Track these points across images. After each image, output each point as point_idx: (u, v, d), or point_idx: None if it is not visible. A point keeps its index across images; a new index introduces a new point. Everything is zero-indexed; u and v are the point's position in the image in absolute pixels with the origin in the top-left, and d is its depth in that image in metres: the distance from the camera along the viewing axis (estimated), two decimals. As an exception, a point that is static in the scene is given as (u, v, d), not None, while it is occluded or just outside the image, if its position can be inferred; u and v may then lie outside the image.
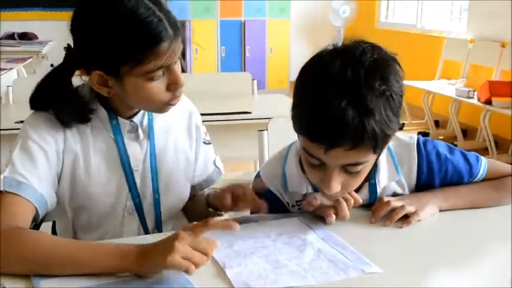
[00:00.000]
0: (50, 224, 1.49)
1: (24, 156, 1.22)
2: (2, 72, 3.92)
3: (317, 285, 1.00)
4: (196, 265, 0.98)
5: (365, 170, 1.18)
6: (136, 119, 1.34)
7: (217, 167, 1.55)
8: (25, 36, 6.07)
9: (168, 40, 1.17)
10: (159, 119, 1.38)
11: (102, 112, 1.31)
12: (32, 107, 1.30)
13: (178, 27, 1.21)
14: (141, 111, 1.34)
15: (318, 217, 1.26)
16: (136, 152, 1.35)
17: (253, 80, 3.16)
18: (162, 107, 1.28)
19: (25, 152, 1.22)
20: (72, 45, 1.25)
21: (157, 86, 1.22)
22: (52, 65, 5.09)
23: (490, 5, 5.16)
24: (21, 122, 2.42)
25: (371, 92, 1.06)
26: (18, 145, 1.24)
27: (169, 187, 1.41)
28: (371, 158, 1.15)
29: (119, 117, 1.32)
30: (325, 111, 1.06)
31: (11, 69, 4.19)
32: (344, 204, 1.21)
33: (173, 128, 1.42)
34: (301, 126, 1.14)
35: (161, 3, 1.20)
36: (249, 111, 2.74)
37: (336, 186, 1.15)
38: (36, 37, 6.17)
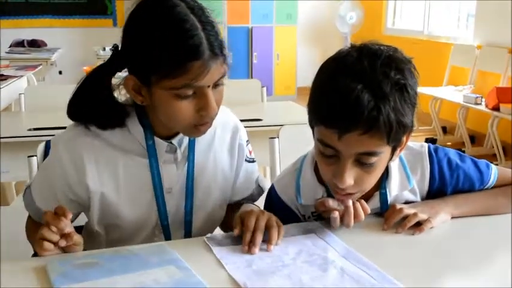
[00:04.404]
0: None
1: (42, 176, 1.35)
2: (13, 80, 3.95)
3: None
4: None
5: (379, 166, 1.18)
6: (175, 141, 1.31)
7: (260, 186, 1.50)
8: (34, 44, 6.09)
9: (200, 60, 1.14)
10: (200, 137, 1.33)
11: (139, 131, 1.29)
12: (69, 111, 1.29)
13: (222, 52, 1.17)
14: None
15: (334, 233, 1.25)
16: (171, 173, 1.32)
17: (262, 87, 3.18)
18: (189, 129, 1.24)
19: (44, 171, 1.35)
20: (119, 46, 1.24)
21: (185, 106, 1.18)
22: (60, 72, 5.17)
23: (497, 11, 5.17)
24: (35, 129, 2.51)
25: (386, 79, 1.10)
26: (45, 162, 1.36)
27: (203, 209, 1.38)
28: (385, 151, 1.16)
29: (156, 138, 1.29)
30: (341, 95, 1.09)
31: (21, 76, 4.22)
32: (352, 212, 1.22)
33: (214, 146, 1.38)
34: (317, 114, 1.16)
35: (210, 23, 1.17)
36: (259, 118, 2.78)
37: (348, 179, 1.16)
38: (45, 44, 6.19)
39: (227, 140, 1.41)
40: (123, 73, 1.26)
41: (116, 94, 1.30)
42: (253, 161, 1.48)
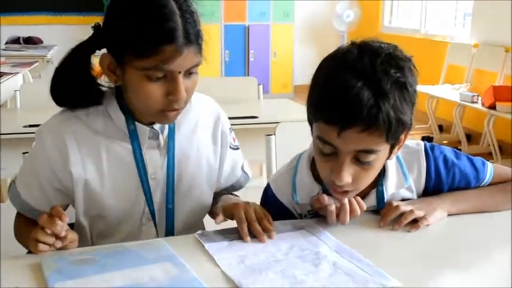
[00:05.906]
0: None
1: (27, 167, 1.36)
2: (9, 77, 3.94)
3: None
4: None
5: (376, 164, 1.18)
6: (157, 126, 1.32)
7: (245, 172, 1.53)
8: (30, 41, 6.08)
9: (173, 45, 1.16)
10: (183, 124, 1.36)
11: (120, 117, 1.30)
12: (52, 89, 1.31)
13: (197, 40, 1.20)
14: None
15: (325, 228, 1.25)
16: (155, 159, 1.33)
17: (259, 84, 3.18)
18: (158, 114, 1.25)
19: (29, 161, 1.36)
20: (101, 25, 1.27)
21: (154, 88, 1.20)
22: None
23: (494, 9, 5.17)
24: (30, 126, 2.50)
25: (386, 77, 1.10)
26: (29, 152, 1.35)
27: (188, 196, 1.39)
28: (383, 149, 1.16)
29: (138, 124, 1.30)
30: (341, 91, 1.10)
31: (17, 73, 4.20)
32: (347, 209, 1.22)
33: (198, 134, 1.40)
34: (317, 110, 1.16)
35: (190, 12, 1.20)
36: (255, 115, 2.77)
37: (346, 176, 1.16)
38: (41, 41, 6.18)
39: (210, 128, 1.43)
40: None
41: (99, 80, 1.32)
42: (237, 148, 1.50)
